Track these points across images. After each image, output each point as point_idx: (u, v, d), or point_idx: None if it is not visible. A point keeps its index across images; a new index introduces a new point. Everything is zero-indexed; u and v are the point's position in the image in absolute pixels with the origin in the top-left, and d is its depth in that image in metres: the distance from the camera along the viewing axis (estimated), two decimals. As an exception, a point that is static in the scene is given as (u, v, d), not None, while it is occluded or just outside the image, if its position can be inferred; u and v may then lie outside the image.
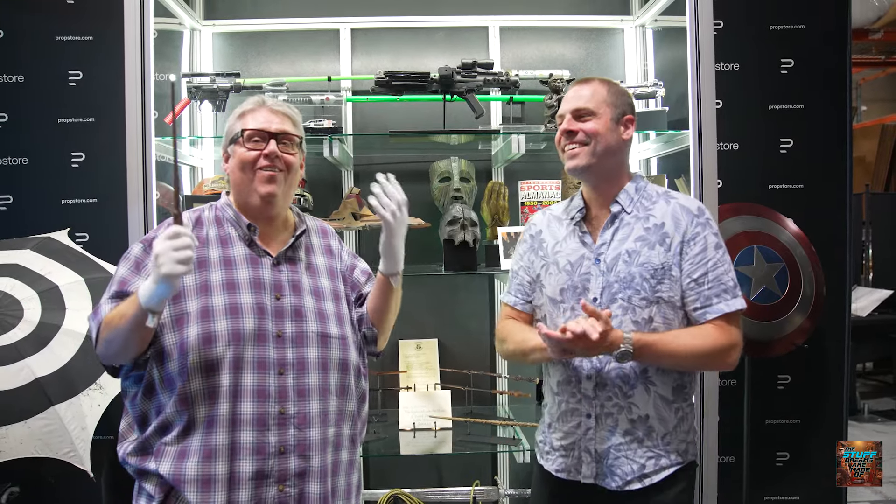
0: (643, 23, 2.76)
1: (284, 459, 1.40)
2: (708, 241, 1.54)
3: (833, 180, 2.90)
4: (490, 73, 2.37)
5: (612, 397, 1.54)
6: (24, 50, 2.77)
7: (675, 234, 1.54)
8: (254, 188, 1.47)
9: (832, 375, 2.92)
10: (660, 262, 1.53)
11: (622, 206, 1.59)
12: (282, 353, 1.43)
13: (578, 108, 1.59)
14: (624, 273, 1.54)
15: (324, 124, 2.34)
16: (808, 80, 2.88)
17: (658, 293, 1.53)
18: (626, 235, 1.57)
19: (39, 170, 2.79)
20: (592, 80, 1.63)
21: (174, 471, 1.36)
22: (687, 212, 1.56)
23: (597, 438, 1.56)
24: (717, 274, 1.52)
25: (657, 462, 1.54)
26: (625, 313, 1.53)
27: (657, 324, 1.53)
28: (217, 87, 2.34)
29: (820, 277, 2.66)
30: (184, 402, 1.38)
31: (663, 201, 1.59)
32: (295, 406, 1.42)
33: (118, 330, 1.34)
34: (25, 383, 2.02)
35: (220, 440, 1.37)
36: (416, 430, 2.49)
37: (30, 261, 2.28)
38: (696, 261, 1.53)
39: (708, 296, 1.52)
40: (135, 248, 1.49)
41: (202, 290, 1.42)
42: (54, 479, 2.39)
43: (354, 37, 2.80)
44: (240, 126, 1.50)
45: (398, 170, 1.87)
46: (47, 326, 2.12)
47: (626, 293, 1.53)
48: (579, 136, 1.58)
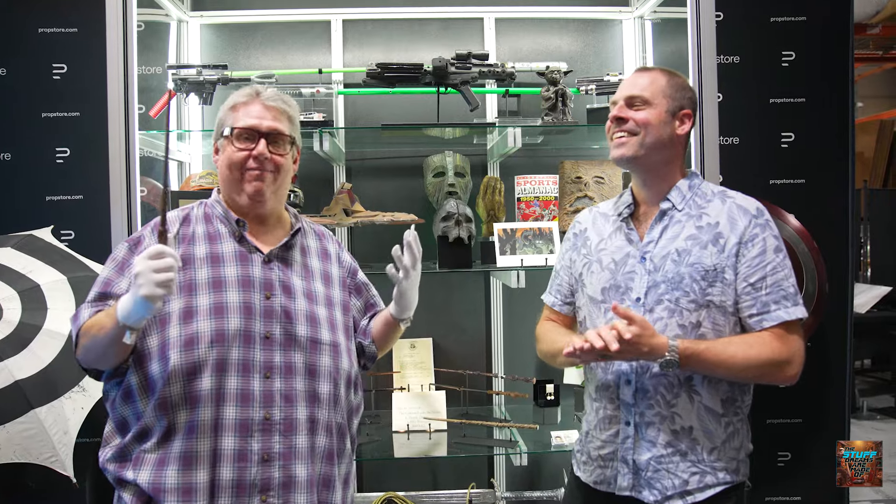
0: (642, 14, 2.71)
1: (268, 468, 1.34)
2: (767, 243, 1.44)
3: (835, 175, 2.86)
4: (485, 65, 2.31)
5: (653, 405, 1.45)
6: (6, 42, 2.71)
7: (730, 234, 1.45)
8: (241, 187, 1.43)
9: (834, 374, 2.88)
10: (712, 263, 1.44)
11: (673, 202, 1.51)
12: (269, 356, 1.37)
13: (632, 96, 1.51)
14: (672, 273, 1.45)
15: (314, 118, 2.28)
16: (810, 73, 2.84)
17: (708, 296, 1.43)
18: (676, 234, 1.48)
19: (23, 165, 2.74)
20: (654, 69, 1.56)
21: (153, 479, 1.30)
22: (745, 212, 1.47)
23: (636, 449, 1.46)
24: (776, 279, 1.42)
25: (702, 479, 1.44)
26: (671, 316, 1.44)
27: (705, 329, 1.43)
28: (204, 79, 2.27)
29: (822, 274, 2.62)
30: (163, 407, 1.32)
31: (719, 200, 1.50)
32: (281, 412, 1.36)
33: (95, 340, 1.29)
34: (4, 386, 1.95)
35: (202, 447, 1.31)
36: (411, 431, 2.44)
37: (10, 259, 2.22)
38: (754, 264, 1.43)
39: (766, 301, 1.42)
40: (120, 248, 1.44)
41: (186, 289, 1.37)
42: (35, 484, 2.33)
43: (346, 28, 2.74)
44: (231, 120, 1.44)
45: (391, 164, 1.82)
46: (28, 327, 2.06)
47: (673, 294, 1.44)
48: (629, 124, 1.50)
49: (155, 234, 1.39)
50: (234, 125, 1.43)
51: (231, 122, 1.44)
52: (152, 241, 1.40)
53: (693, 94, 1.57)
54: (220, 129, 1.46)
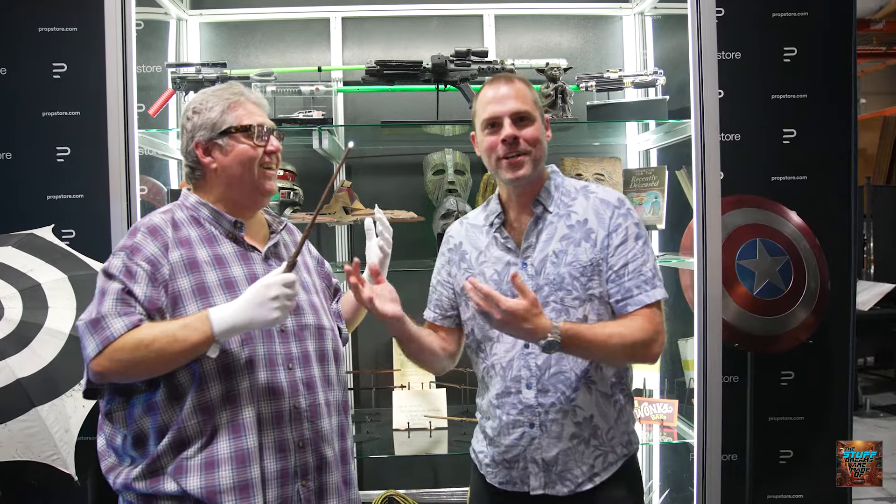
0: (642, 10, 2.70)
1: (304, 454, 1.39)
2: (629, 231, 1.50)
3: (837, 172, 2.84)
4: (485, 62, 2.31)
5: (555, 403, 1.49)
6: (6, 41, 2.72)
7: (599, 228, 1.50)
8: (258, 184, 1.44)
9: (836, 371, 2.87)
10: (588, 258, 1.49)
11: (544, 205, 1.53)
12: (287, 348, 1.41)
13: (518, 111, 1.49)
14: (553, 274, 1.49)
15: (313, 115, 2.27)
16: (812, 69, 2.82)
17: (590, 290, 1.49)
18: (550, 235, 1.51)
19: (24, 165, 2.74)
20: (512, 78, 1.53)
21: (206, 483, 1.30)
22: (607, 204, 1.52)
23: (543, 447, 1.50)
24: (636, 265, 1.48)
25: (605, 459, 1.51)
26: (559, 315, 1.47)
27: (592, 321, 1.48)
28: (203, 77, 2.27)
29: (824, 271, 2.61)
30: (205, 412, 1.32)
31: (582, 196, 1.54)
32: (306, 399, 1.41)
33: (162, 352, 1.27)
34: (5, 384, 1.96)
35: (250, 443, 1.33)
36: (411, 429, 2.44)
37: (11, 258, 2.22)
38: (618, 252, 1.49)
39: (629, 287, 1.48)
40: (116, 261, 1.35)
41: (200, 292, 1.36)
42: (37, 482, 2.34)
43: (345, 26, 2.73)
44: (233, 119, 1.42)
45: (391, 162, 1.82)
46: (29, 325, 2.07)
47: (557, 295, 1.48)
48: (521, 144, 1.49)
49: (152, 239, 1.37)
50: (245, 122, 1.43)
51: (237, 121, 1.42)
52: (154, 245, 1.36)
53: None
54: (214, 129, 1.42)
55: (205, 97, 1.46)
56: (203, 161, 1.44)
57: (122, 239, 1.40)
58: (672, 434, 2.34)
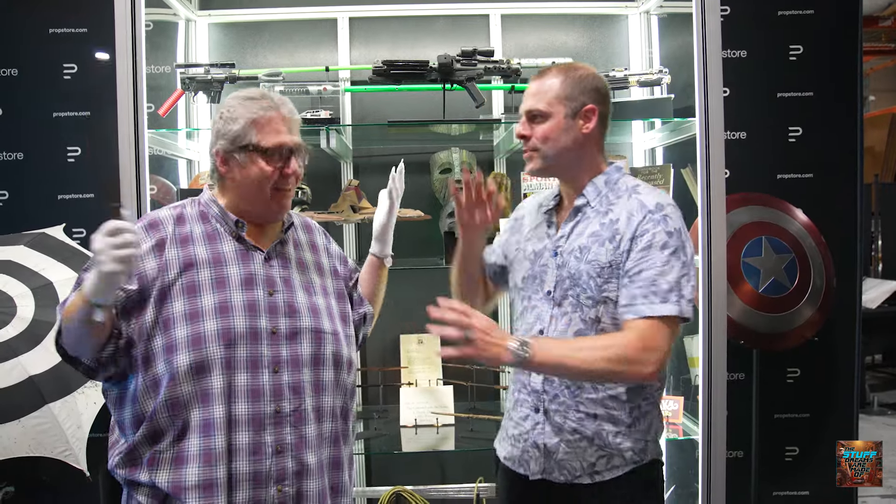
0: (648, 9, 2.70)
1: (282, 459, 1.37)
2: (655, 238, 1.42)
3: (843, 170, 2.84)
4: (491, 62, 2.32)
5: (558, 395, 1.49)
6: (18, 43, 2.74)
7: (626, 230, 1.45)
8: (268, 205, 1.43)
9: (842, 369, 2.87)
10: (607, 259, 1.45)
11: (587, 199, 1.53)
12: (276, 350, 1.39)
13: (530, 110, 1.52)
14: (574, 269, 1.48)
15: (321, 115, 2.29)
16: (818, 67, 2.82)
17: (605, 293, 1.45)
18: (583, 230, 1.51)
19: (35, 165, 2.77)
20: (549, 71, 1.54)
21: (173, 479, 1.32)
22: (642, 207, 1.46)
23: (545, 433, 1.51)
24: (651, 274, 1.40)
25: (609, 461, 1.48)
26: (574, 311, 1.48)
27: (605, 324, 1.46)
28: (212, 77, 2.29)
29: (830, 269, 2.61)
30: (175, 407, 1.33)
31: (626, 197, 1.50)
32: (291, 404, 1.38)
33: (71, 320, 1.29)
34: (18, 381, 1.99)
35: (218, 443, 1.33)
36: (418, 426, 2.46)
37: (24, 257, 2.26)
38: (637, 257, 1.43)
39: (634, 294, 1.41)
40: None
41: (189, 290, 1.37)
42: (50, 478, 2.37)
43: (353, 26, 2.75)
44: (255, 135, 1.40)
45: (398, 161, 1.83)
46: (41, 324, 2.10)
47: (574, 290, 1.48)
48: (531, 141, 1.52)
49: (148, 234, 1.40)
50: (264, 144, 1.40)
51: (257, 139, 1.40)
52: (148, 240, 1.39)
53: (598, 83, 1.54)
54: (237, 142, 1.41)
55: (234, 104, 1.43)
56: (220, 169, 1.45)
57: None
58: (678, 431, 2.35)
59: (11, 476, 2.33)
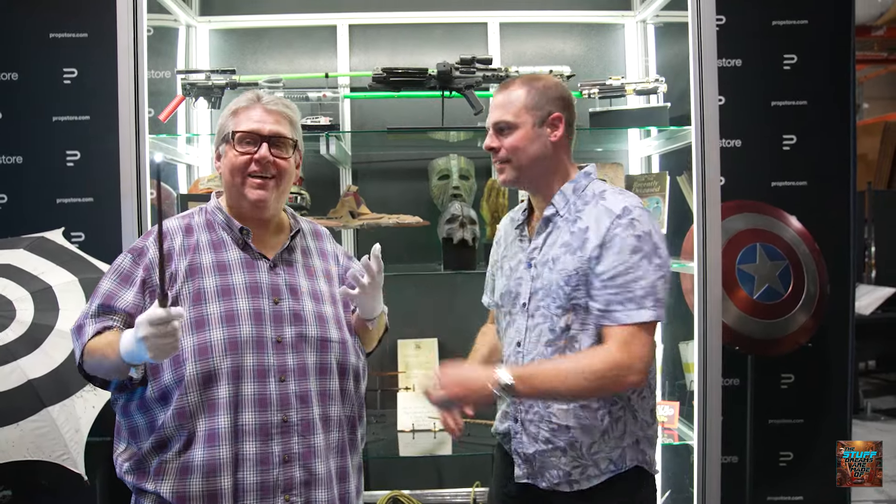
0: (644, 18, 2.72)
1: (289, 468, 1.37)
2: (626, 243, 1.41)
3: (837, 177, 2.87)
4: (489, 69, 2.33)
5: (533, 405, 1.51)
6: (18, 47, 2.75)
7: (593, 237, 1.44)
8: (244, 193, 1.43)
9: (836, 374, 2.89)
10: (574, 267, 1.45)
11: (556, 208, 1.53)
12: (282, 359, 1.39)
13: (497, 122, 1.53)
14: (546, 280, 1.49)
15: (321, 121, 2.31)
16: (811, 76, 2.85)
17: (573, 300, 1.45)
18: (554, 240, 1.51)
19: (34, 169, 2.78)
20: (513, 82, 1.54)
21: (177, 489, 1.33)
22: (609, 213, 1.44)
23: (524, 443, 1.53)
24: (626, 280, 1.39)
25: (584, 471, 1.48)
26: (545, 321, 1.49)
27: (575, 331, 1.46)
28: (212, 83, 2.30)
29: (824, 275, 2.63)
30: (182, 417, 1.33)
31: (593, 203, 1.49)
32: (298, 413, 1.39)
33: (101, 364, 1.32)
34: (17, 385, 1.99)
35: (224, 453, 1.33)
36: (416, 431, 2.47)
37: (23, 260, 2.26)
38: (609, 263, 1.41)
39: (609, 300, 1.40)
40: (123, 259, 1.43)
41: (195, 298, 1.38)
42: (48, 482, 2.36)
43: (352, 33, 2.76)
44: (232, 125, 1.44)
45: (396, 167, 1.85)
46: (40, 327, 2.10)
47: (546, 301, 1.49)
48: (501, 152, 1.53)
49: (156, 245, 1.40)
50: (236, 129, 1.43)
51: (232, 127, 1.44)
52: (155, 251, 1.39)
53: (562, 91, 1.55)
54: (221, 135, 1.46)
55: (230, 104, 1.49)
56: (217, 166, 1.49)
57: (140, 238, 1.48)
58: (673, 436, 2.37)
59: (9, 480, 2.32)
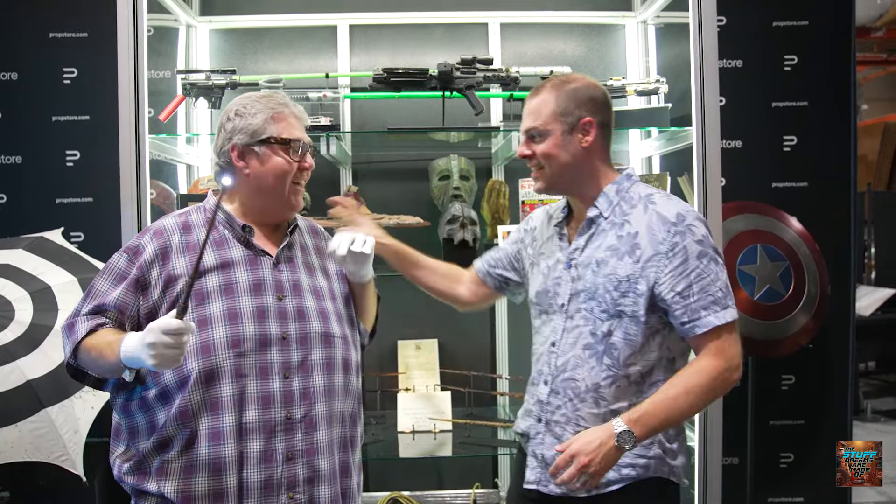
0: (645, 19, 2.72)
1: (293, 466, 1.36)
2: (689, 250, 1.41)
3: (837, 178, 2.88)
4: (490, 70, 2.33)
5: (561, 407, 1.49)
6: (18, 46, 2.75)
7: (647, 245, 1.43)
8: (286, 199, 1.46)
9: (836, 376, 2.90)
10: (625, 273, 1.43)
11: (600, 210, 1.51)
12: (286, 356, 1.39)
13: (528, 129, 1.51)
14: (590, 283, 1.47)
15: (321, 121, 2.30)
16: (812, 77, 2.86)
17: (619, 306, 1.44)
18: (599, 243, 1.49)
19: (34, 169, 2.77)
20: (542, 88, 1.52)
21: (182, 488, 1.31)
22: (663, 221, 1.44)
23: (545, 444, 1.50)
24: (702, 285, 1.41)
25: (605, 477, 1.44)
26: (586, 324, 1.47)
27: (616, 338, 1.44)
28: (212, 83, 2.30)
29: (824, 276, 2.63)
30: (185, 415, 1.32)
31: (642, 207, 1.48)
32: (301, 410, 1.38)
33: (96, 364, 1.31)
34: (16, 385, 1.98)
35: (228, 451, 1.32)
36: (416, 432, 2.46)
37: (22, 260, 2.25)
38: (678, 273, 1.41)
39: (695, 308, 1.41)
40: (118, 258, 1.41)
41: (198, 297, 1.37)
42: (46, 483, 2.36)
43: (353, 33, 2.76)
44: (275, 129, 1.43)
45: (397, 168, 1.85)
46: (39, 328, 2.09)
47: (589, 304, 1.47)
48: (534, 160, 1.52)
49: (153, 241, 1.41)
50: (285, 135, 1.44)
51: (276, 132, 1.43)
52: (153, 249, 1.39)
53: (594, 92, 1.52)
54: (255, 136, 1.43)
55: (249, 101, 1.46)
56: (237, 164, 1.44)
57: (135, 236, 1.47)
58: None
59: (8, 481, 2.32)
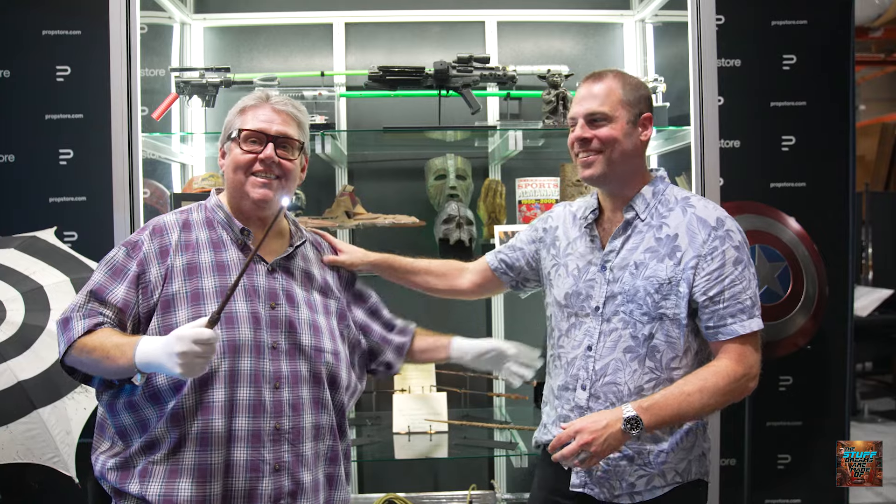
0: (643, 17, 2.71)
1: (279, 477, 1.35)
2: (727, 256, 1.42)
3: (836, 178, 2.87)
4: (487, 68, 2.32)
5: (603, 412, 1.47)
6: (10, 44, 2.73)
7: (688, 248, 1.43)
8: (246, 191, 1.42)
9: (834, 377, 2.89)
10: (667, 276, 1.43)
11: (636, 211, 1.49)
12: (277, 366, 1.37)
13: (592, 112, 1.46)
14: (629, 285, 1.45)
15: (316, 120, 2.29)
16: (811, 77, 2.85)
17: (661, 309, 1.43)
18: (636, 245, 1.47)
19: (26, 167, 2.75)
20: (606, 74, 1.49)
21: (165, 492, 1.29)
22: (704, 224, 1.44)
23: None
24: (734, 292, 1.41)
25: (650, 482, 1.46)
26: (625, 327, 1.45)
27: (658, 341, 1.44)
28: (206, 81, 2.28)
29: (822, 277, 2.62)
30: (175, 418, 1.31)
31: (680, 210, 1.47)
32: (290, 421, 1.36)
33: (98, 364, 1.28)
34: (7, 387, 1.96)
35: (215, 458, 1.30)
36: (411, 433, 2.44)
37: (13, 260, 2.23)
38: (713, 277, 1.41)
39: (723, 315, 1.41)
40: (117, 252, 1.40)
41: (193, 298, 1.35)
42: (38, 484, 2.34)
43: (348, 31, 2.74)
44: (238, 123, 1.43)
45: (393, 167, 1.84)
46: (31, 328, 2.07)
47: (628, 307, 1.45)
48: (594, 143, 1.47)
49: (153, 239, 1.40)
50: (242, 127, 1.42)
51: (239, 125, 1.43)
52: (152, 246, 1.39)
53: (648, 92, 1.52)
54: (227, 132, 1.45)
55: (238, 101, 1.48)
56: (221, 164, 1.47)
57: (135, 231, 1.46)
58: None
59: (-1, 483, 2.30)
